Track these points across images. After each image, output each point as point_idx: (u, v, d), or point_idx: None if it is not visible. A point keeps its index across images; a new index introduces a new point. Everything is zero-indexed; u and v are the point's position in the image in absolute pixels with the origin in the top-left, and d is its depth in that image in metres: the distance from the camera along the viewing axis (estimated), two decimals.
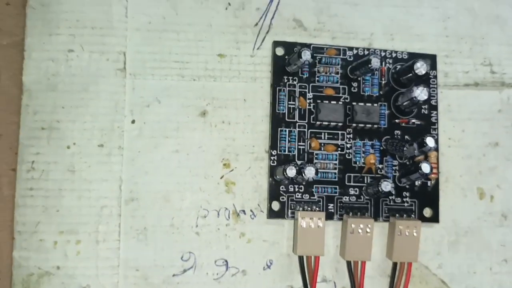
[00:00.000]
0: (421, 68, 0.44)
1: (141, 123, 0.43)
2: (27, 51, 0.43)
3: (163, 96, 0.44)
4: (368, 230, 0.43)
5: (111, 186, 0.42)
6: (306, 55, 0.42)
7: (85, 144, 0.42)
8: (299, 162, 0.44)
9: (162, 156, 0.43)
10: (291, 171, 0.41)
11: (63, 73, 0.43)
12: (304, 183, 0.44)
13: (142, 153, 0.43)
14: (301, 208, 0.44)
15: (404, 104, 0.45)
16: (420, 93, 0.43)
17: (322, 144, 0.45)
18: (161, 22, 0.44)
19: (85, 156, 0.42)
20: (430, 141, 0.42)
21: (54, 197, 0.42)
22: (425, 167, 0.42)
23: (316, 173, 0.41)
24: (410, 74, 0.44)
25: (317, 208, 0.44)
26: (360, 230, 0.43)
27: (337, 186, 0.44)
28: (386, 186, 0.42)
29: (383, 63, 0.46)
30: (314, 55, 0.45)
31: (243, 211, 0.44)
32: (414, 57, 0.46)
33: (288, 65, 0.44)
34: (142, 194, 0.43)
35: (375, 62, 0.43)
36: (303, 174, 0.41)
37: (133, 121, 0.43)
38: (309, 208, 0.44)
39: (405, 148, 0.43)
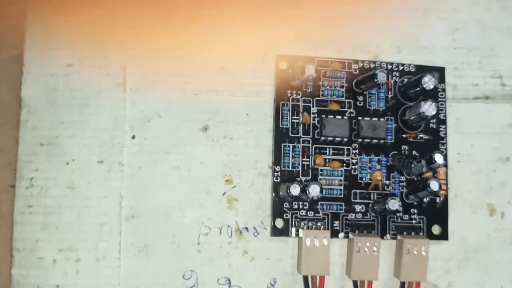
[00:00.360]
0: (429, 82, 0.42)
1: (142, 138, 0.42)
2: (26, 65, 0.42)
3: (164, 111, 0.43)
4: (375, 248, 0.41)
5: (111, 203, 0.41)
6: (310, 70, 0.41)
7: (85, 160, 0.41)
8: (303, 179, 0.43)
9: (163, 172, 0.42)
10: (295, 189, 0.40)
11: (62, 88, 0.42)
12: (308, 200, 0.42)
13: (143, 169, 0.42)
14: (305, 226, 0.42)
15: (412, 118, 0.43)
16: (428, 108, 0.42)
17: (327, 160, 0.43)
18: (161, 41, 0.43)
19: (84, 172, 0.41)
20: (438, 158, 0.41)
21: (53, 214, 0.41)
22: (434, 185, 0.41)
23: (321, 191, 0.40)
24: (418, 88, 0.43)
25: (322, 226, 0.42)
26: (366, 249, 0.41)
27: (343, 203, 0.43)
28: (394, 204, 0.41)
29: (390, 76, 0.45)
30: (319, 68, 0.44)
31: (246, 228, 0.42)
32: (422, 70, 0.45)
33: (292, 79, 0.43)
34: (143, 211, 0.41)
35: (381, 77, 0.41)
36: (307, 192, 0.39)
37: (133, 137, 0.42)
38: (314, 226, 0.42)
39: (413, 165, 0.41)
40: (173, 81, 0.43)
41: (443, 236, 0.44)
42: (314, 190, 0.39)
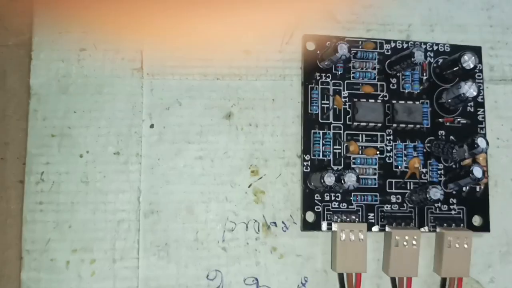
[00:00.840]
0: (469, 61, 0.39)
1: (161, 127, 0.39)
2: (35, 51, 0.38)
3: (184, 98, 0.39)
4: (414, 242, 0.38)
5: (129, 198, 0.38)
6: (343, 49, 0.37)
7: (100, 152, 0.38)
8: (335, 168, 0.39)
9: (184, 163, 0.39)
10: (329, 179, 0.36)
11: (74, 74, 0.39)
12: (341, 191, 0.39)
13: (162, 160, 0.38)
14: (338, 219, 0.39)
15: (449, 101, 0.40)
16: (469, 89, 0.38)
17: (361, 147, 0.40)
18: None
19: (99, 165, 0.38)
20: (481, 142, 0.38)
21: (66, 211, 0.37)
22: (477, 172, 0.38)
23: (358, 180, 0.36)
24: (456, 68, 0.39)
25: (357, 219, 0.39)
26: (405, 243, 0.38)
27: (378, 194, 0.40)
28: (435, 193, 0.37)
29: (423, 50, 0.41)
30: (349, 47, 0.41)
31: (274, 223, 0.39)
32: (457, 49, 0.42)
33: (321, 61, 0.40)
34: (163, 206, 0.38)
35: (418, 55, 0.38)
36: (343, 182, 0.36)
37: (151, 126, 0.39)
38: (347, 219, 0.39)
39: (454, 151, 0.38)
40: (193, 65, 0.40)
41: (485, 227, 0.41)
42: (350, 179, 0.36)
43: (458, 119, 0.41)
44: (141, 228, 0.38)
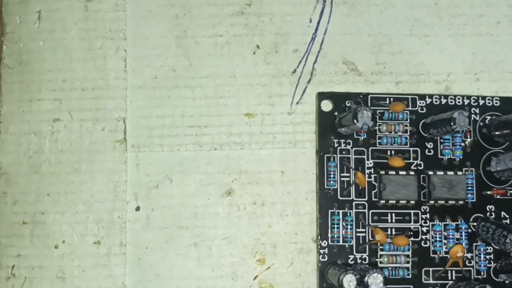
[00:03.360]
0: None
1: (148, 210, 0.32)
2: (3, 122, 0.32)
3: (175, 173, 0.32)
4: None
5: None
6: (364, 118, 0.29)
7: (78, 242, 0.31)
8: (357, 256, 0.31)
9: (176, 252, 0.32)
10: (349, 283, 0.28)
11: (47, 149, 0.32)
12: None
13: (151, 250, 0.31)
14: None
15: (501, 172, 0.31)
16: None
17: (388, 231, 0.31)
18: (171, 76, 0.33)
19: (77, 257, 0.31)
20: None
21: None
22: None
23: (385, 283, 0.28)
24: (509, 131, 0.31)
25: None
26: None
27: (411, 286, 0.31)
28: None
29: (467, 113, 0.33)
30: (374, 108, 0.32)
31: None
32: (509, 103, 0.33)
33: (340, 126, 0.31)
34: None
35: (461, 121, 0.29)
36: (367, 285, 0.28)
37: (137, 208, 0.32)
38: None
39: (508, 241, 0.29)
40: (185, 133, 0.32)
41: None
42: (375, 282, 0.28)
43: None
44: None
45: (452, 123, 0.29)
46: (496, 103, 0.33)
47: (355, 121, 0.29)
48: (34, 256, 0.31)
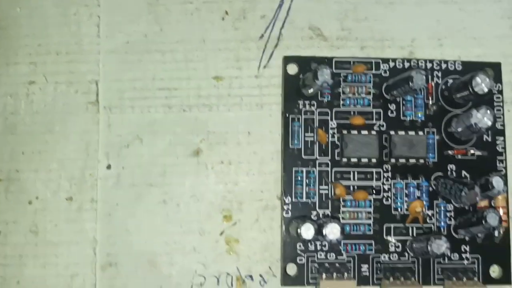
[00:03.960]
0: (482, 84, 0.31)
1: (119, 168, 0.33)
2: None
3: (145, 133, 0.33)
4: None
5: (84, 250, 0.32)
6: (324, 75, 0.30)
7: (50, 198, 0.32)
8: (321, 212, 0.32)
9: (146, 209, 0.32)
10: (307, 232, 0.29)
11: (23, 110, 0.33)
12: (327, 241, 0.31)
13: (121, 206, 0.32)
14: (324, 273, 0.31)
15: (460, 131, 0.32)
16: (482, 118, 0.30)
17: (351, 188, 0.32)
18: (142, 41, 0.34)
19: (50, 213, 0.32)
20: (497, 183, 0.29)
21: (13, 266, 0.32)
22: (492, 219, 0.30)
23: (342, 231, 0.29)
24: (467, 93, 0.31)
25: (346, 273, 0.32)
26: None
27: (373, 242, 0.32)
28: (440, 247, 0.29)
29: (430, 77, 0.33)
30: (338, 72, 0.33)
31: (250, 276, 0.32)
32: (471, 67, 0.33)
33: (304, 87, 0.32)
34: (122, 258, 0.32)
35: (418, 80, 0.30)
36: (324, 235, 0.29)
37: (109, 167, 0.33)
38: (336, 273, 0.31)
39: (463, 194, 0.30)
40: (156, 96, 0.33)
41: (505, 279, 0.32)
42: (332, 232, 0.29)
43: (472, 151, 0.33)
44: (97, 283, 0.32)
45: (410, 82, 0.30)
46: (458, 67, 0.34)
47: (315, 79, 0.30)
48: (9, 212, 0.32)
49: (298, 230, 0.29)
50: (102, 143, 0.33)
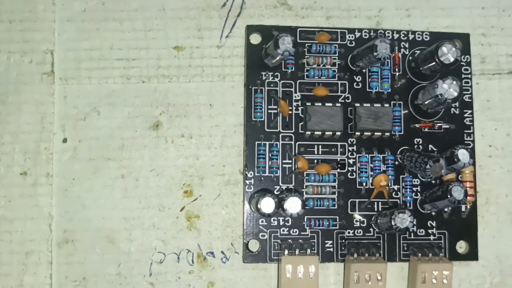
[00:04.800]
0: (448, 53, 0.30)
1: (76, 141, 0.31)
2: None
3: (103, 105, 0.31)
4: (379, 277, 0.29)
5: (39, 226, 0.31)
6: (286, 44, 0.28)
7: (4, 173, 0.31)
8: (284, 187, 0.31)
9: (103, 183, 0.31)
10: (267, 206, 0.28)
11: None
12: (290, 216, 0.30)
13: (78, 181, 0.31)
14: (287, 249, 0.30)
15: (427, 103, 0.31)
16: (448, 88, 0.29)
17: (315, 162, 0.31)
18: (100, 9, 0.32)
19: (4, 188, 0.31)
20: (463, 156, 0.29)
21: None
22: (457, 192, 0.29)
23: (303, 206, 0.28)
24: (434, 63, 0.30)
25: (309, 249, 0.31)
26: (368, 277, 0.29)
27: (337, 217, 0.31)
28: (403, 221, 0.28)
29: (396, 47, 0.32)
30: (302, 42, 0.32)
31: (212, 253, 0.31)
32: (439, 38, 0.32)
33: (266, 57, 0.31)
34: (79, 235, 0.31)
35: (382, 49, 0.29)
36: (284, 209, 0.28)
37: (64, 140, 0.31)
38: (298, 249, 0.30)
39: (428, 167, 0.29)
40: (114, 66, 0.32)
41: (472, 255, 0.32)
42: (293, 206, 0.28)
43: (440, 124, 0.32)
44: (54, 260, 0.31)
45: (374, 51, 0.29)
46: (426, 38, 0.33)
47: (276, 48, 0.29)
48: None
49: (258, 205, 0.28)
50: (57, 115, 0.31)
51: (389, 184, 0.31)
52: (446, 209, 0.31)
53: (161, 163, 0.31)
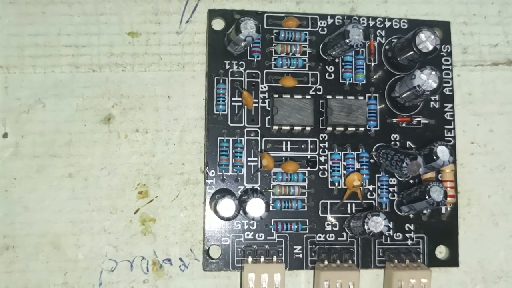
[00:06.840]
0: (426, 41, 0.27)
1: (18, 137, 0.28)
2: None
3: (49, 97, 0.28)
4: (351, 286, 0.27)
5: None
6: (248, 28, 0.25)
7: None
8: (249, 187, 0.28)
9: (48, 183, 0.28)
10: (225, 209, 0.24)
11: None
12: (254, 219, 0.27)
13: (20, 180, 0.28)
14: (251, 256, 0.27)
15: (404, 96, 0.28)
16: (427, 80, 0.26)
17: (283, 160, 0.28)
18: None
19: None
20: (442, 153, 0.26)
21: None
22: (436, 193, 0.26)
23: (267, 208, 0.25)
24: (411, 52, 0.27)
25: (276, 256, 0.27)
26: (339, 286, 0.26)
27: (307, 220, 0.28)
28: (377, 225, 0.25)
29: (372, 36, 0.29)
30: (270, 28, 0.29)
31: (169, 260, 0.28)
32: (418, 26, 0.29)
33: (229, 44, 0.28)
34: (21, 240, 0.27)
35: (354, 35, 0.26)
36: (245, 212, 0.24)
37: (5, 135, 0.28)
38: (264, 256, 0.27)
39: (404, 165, 0.26)
40: (61, 53, 0.28)
41: (452, 261, 0.29)
42: (255, 209, 0.24)
43: (418, 119, 0.29)
44: None
45: (346, 37, 0.26)
46: (404, 25, 0.30)
47: (238, 33, 0.25)
48: None
49: (215, 208, 0.25)
50: None
51: (364, 184, 0.28)
52: (424, 211, 0.28)
53: (113, 161, 0.28)
